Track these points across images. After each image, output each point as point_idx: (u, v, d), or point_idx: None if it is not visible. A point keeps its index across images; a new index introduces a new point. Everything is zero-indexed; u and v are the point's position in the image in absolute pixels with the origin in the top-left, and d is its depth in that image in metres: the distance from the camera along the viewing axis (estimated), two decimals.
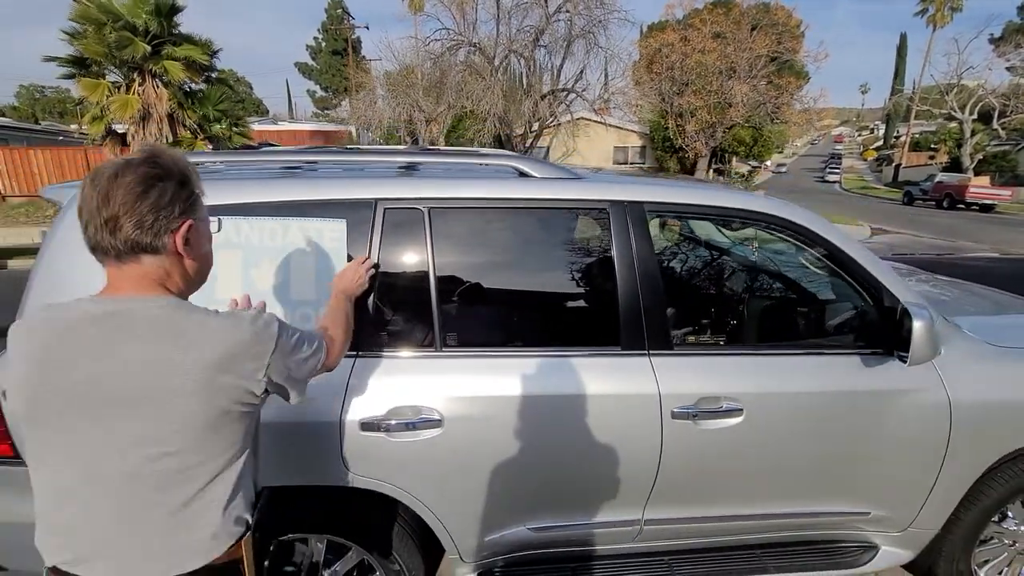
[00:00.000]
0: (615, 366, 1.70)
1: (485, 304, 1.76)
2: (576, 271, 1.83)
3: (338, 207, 1.64)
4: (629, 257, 1.71)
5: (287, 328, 1.05)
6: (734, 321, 2.13)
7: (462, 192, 1.69)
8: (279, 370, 1.02)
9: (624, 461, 1.71)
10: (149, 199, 0.90)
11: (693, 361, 1.75)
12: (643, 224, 1.74)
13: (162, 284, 0.96)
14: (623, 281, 1.71)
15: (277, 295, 1.60)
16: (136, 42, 13.68)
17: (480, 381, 1.64)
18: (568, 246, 1.84)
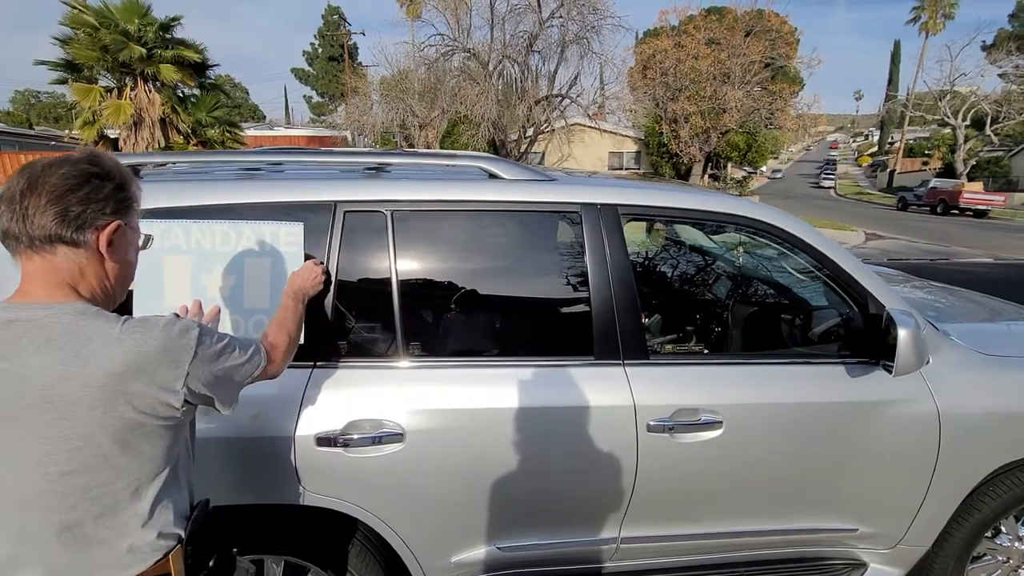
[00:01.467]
0: (588, 376, 1.62)
1: (451, 312, 1.68)
2: (548, 277, 1.75)
3: (295, 210, 1.56)
4: (603, 262, 1.64)
5: (211, 333, 0.98)
6: (715, 329, 2.05)
7: (428, 195, 1.62)
8: (201, 378, 0.94)
9: (598, 476, 1.63)
10: (81, 192, 0.86)
11: (670, 371, 1.66)
12: (617, 228, 1.66)
13: (73, 286, 0.89)
14: (596, 287, 1.63)
15: (229, 303, 1.52)
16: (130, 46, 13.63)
17: (445, 392, 1.56)
18: (539, 251, 1.76)
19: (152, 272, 1.50)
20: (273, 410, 1.49)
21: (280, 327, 1.26)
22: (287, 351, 1.23)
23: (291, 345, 1.25)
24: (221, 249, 1.53)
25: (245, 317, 1.52)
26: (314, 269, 1.47)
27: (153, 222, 1.50)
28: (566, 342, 1.68)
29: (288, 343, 1.24)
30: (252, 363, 1.07)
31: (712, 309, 2.15)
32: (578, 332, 1.65)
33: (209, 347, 0.95)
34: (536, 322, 1.75)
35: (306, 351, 1.53)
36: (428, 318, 1.67)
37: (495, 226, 1.69)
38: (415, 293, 1.64)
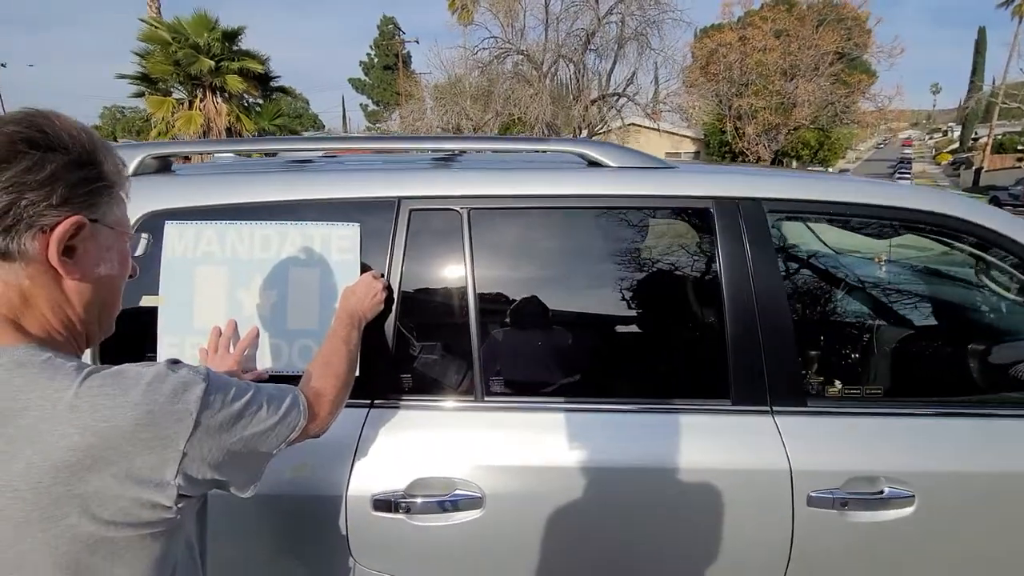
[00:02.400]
0: (724, 428, 1.22)
1: (544, 337, 1.32)
2: (669, 293, 1.36)
3: (350, 208, 1.25)
4: (743, 273, 1.23)
5: (224, 387, 0.66)
6: (897, 366, 1.57)
7: (512, 188, 1.27)
8: (208, 458, 0.63)
9: (734, 564, 1.22)
10: (8, 171, 0.55)
11: (839, 423, 1.23)
12: (762, 229, 1.25)
13: (12, 320, 0.58)
14: (735, 306, 1.22)
15: (270, 324, 1.22)
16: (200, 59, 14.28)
17: (539, 444, 1.20)
18: (657, 260, 1.37)
19: (182, 287, 1.23)
20: (320, 462, 1.17)
21: (327, 366, 0.94)
22: (336, 400, 0.91)
23: (342, 391, 0.94)
24: (260, 256, 1.23)
25: (289, 342, 1.22)
26: (373, 284, 1.15)
27: (184, 224, 1.23)
28: (693, 380, 1.29)
29: (338, 389, 0.92)
30: (286, 423, 0.75)
31: (885, 340, 1.66)
32: (709, 366, 1.25)
33: (221, 410, 0.64)
34: (653, 353, 1.36)
35: (362, 386, 1.21)
36: (515, 345, 1.32)
37: (598, 228, 1.32)
38: (498, 313, 1.29)
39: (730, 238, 1.24)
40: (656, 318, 1.36)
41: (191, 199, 1.27)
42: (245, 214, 1.25)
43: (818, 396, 1.26)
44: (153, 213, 1.25)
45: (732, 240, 1.24)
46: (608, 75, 15.47)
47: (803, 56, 15.94)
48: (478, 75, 17.32)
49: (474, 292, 1.23)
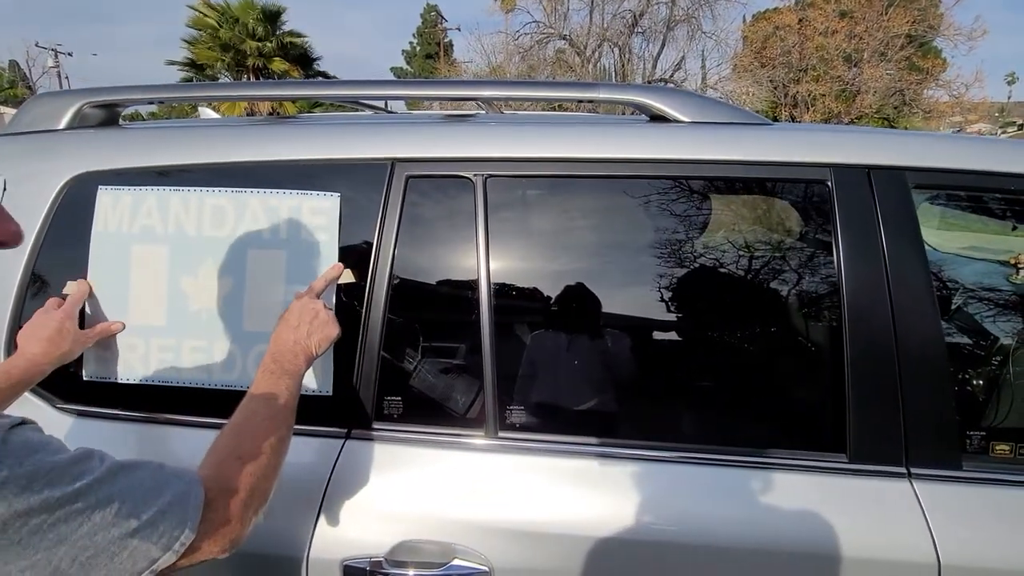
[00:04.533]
0: (836, 495, 0.85)
1: (583, 352, 0.98)
2: (760, 301, 1.00)
3: (329, 173, 0.94)
4: (876, 275, 0.85)
5: (31, 452, 0.40)
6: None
7: (543, 149, 0.93)
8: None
9: None
10: None
11: (1010, 499, 0.85)
12: (907, 211, 0.87)
13: None
14: (860, 320, 0.85)
15: (221, 322, 0.93)
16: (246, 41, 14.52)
17: (569, 500, 0.87)
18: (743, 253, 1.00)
19: (116, 271, 0.95)
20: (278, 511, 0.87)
21: (238, 441, 0.64)
22: (255, 494, 0.60)
23: (264, 479, 0.62)
24: (211, 233, 0.94)
25: (244, 347, 0.93)
26: (308, 307, 0.81)
27: (120, 190, 0.95)
28: (793, 424, 0.92)
29: (257, 477, 0.61)
30: (157, 536, 0.46)
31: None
32: (818, 406, 0.89)
33: (16, 496, 0.34)
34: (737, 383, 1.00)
35: (337, 410, 0.92)
36: (544, 361, 0.99)
37: (662, 206, 0.96)
38: (521, 315, 0.96)
39: (856, 223, 0.87)
40: (742, 335, 1.00)
41: (134, 158, 1.00)
42: (198, 178, 0.97)
43: (979, 455, 0.88)
44: (84, 175, 0.98)
45: (859, 226, 0.87)
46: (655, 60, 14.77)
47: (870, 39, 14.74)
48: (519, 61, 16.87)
49: (489, 287, 0.91)
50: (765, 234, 1.00)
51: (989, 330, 1.20)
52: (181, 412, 0.95)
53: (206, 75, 15.59)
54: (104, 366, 0.95)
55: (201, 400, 0.94)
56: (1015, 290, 1.34)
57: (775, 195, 0.98)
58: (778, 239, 0.99)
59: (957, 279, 1.37)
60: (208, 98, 1.17)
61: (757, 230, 1.00)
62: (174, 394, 0.94)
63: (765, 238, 1.00)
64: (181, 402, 0.95)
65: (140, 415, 0.95)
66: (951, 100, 15.34)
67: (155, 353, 0.95)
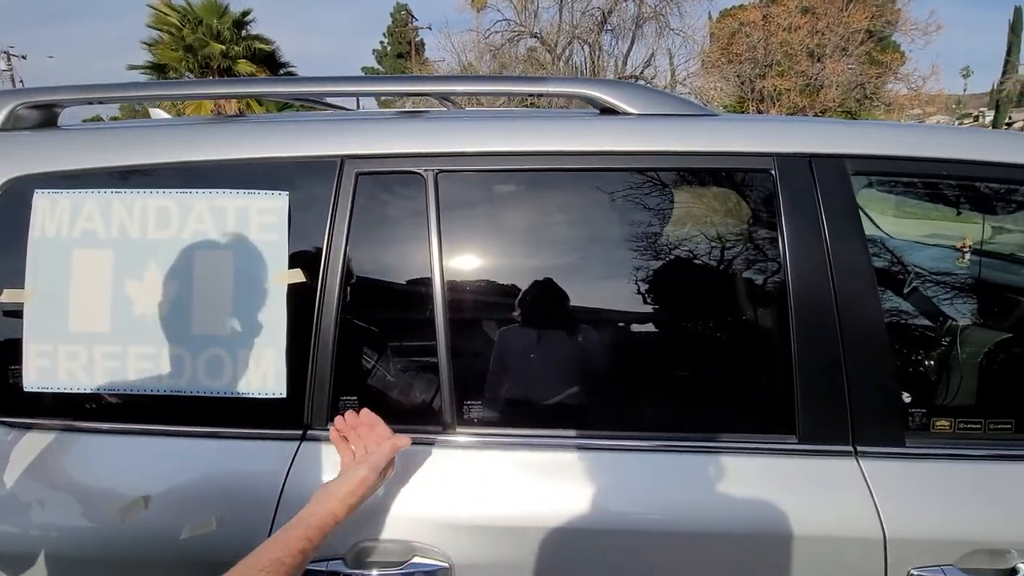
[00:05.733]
0: (787, 475, 0.87)
1: (539, 346, 0.99)
2: (710, 289, 1.02)
3: (276, 171, 0.93)
4: (818, 262, 0.88)
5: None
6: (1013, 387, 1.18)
7: (495, 143, 0.93)
8: None
9: None
10: None
11: (951, 470, 0.88)
12: (846, 197, 0.89)
13: None
14: (806, 305, 0.88)
15: (168, 327, 0.91)
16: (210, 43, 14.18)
17: (528, 494, 0.87)
18: (692, 242, 1.02)
19: (56, 278, 0.92)
20: (235, 516, 0.86)
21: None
22: None
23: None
24: (156, 236, 0.92)
25: (193, 352, 0.91)
26: (373, 484, 0.77)
27: (58, 193, 0.92)
28: (744, 408, 0.94)
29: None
30: None
31: (1010, 355, 1.26)
32: (767, 390, 0.91)
33: None
34: (688, 370, 1.01)
35: (291, 411, 0.90)
36: (499, 356, 0.99)
37: (612, 197, 0.97)
38: (476, 310, 0.96)
39: (799, 210, 0.89)
40: (694, 324, 1.02)
41: (73, 160, 0.96)
42: (140, 180, 0.94)
43: (921, 432, 0.91)
44: (20, 178, 0.94)
45: (802, 213, 0.89)
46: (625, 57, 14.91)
47: (831, 35, 15.14)
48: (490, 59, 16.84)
49: (442, 283, 0.90)
50: (713, 222, 1.02)
51: (932, 312, 1.24)
52: (130, 420, 0.92)
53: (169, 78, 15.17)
54: (46, 376, 0.92)
55: (151, 407, 0.91)
56: (960, 274, 1.39)
57: (722, 184, 1.00)
58: (725, 227, 1.01)
59: (906, 264, 1.42)
60: (146, 98, 1.14)
61: (705, 219, 1.02)
62: (122, 402, 0.92)
63: (713, 226, 1.01)
64: (129, 410, 0.92)
65: (87, 425, 0.92)
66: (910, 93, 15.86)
67: (100, 361, 0.92)
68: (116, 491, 0.87)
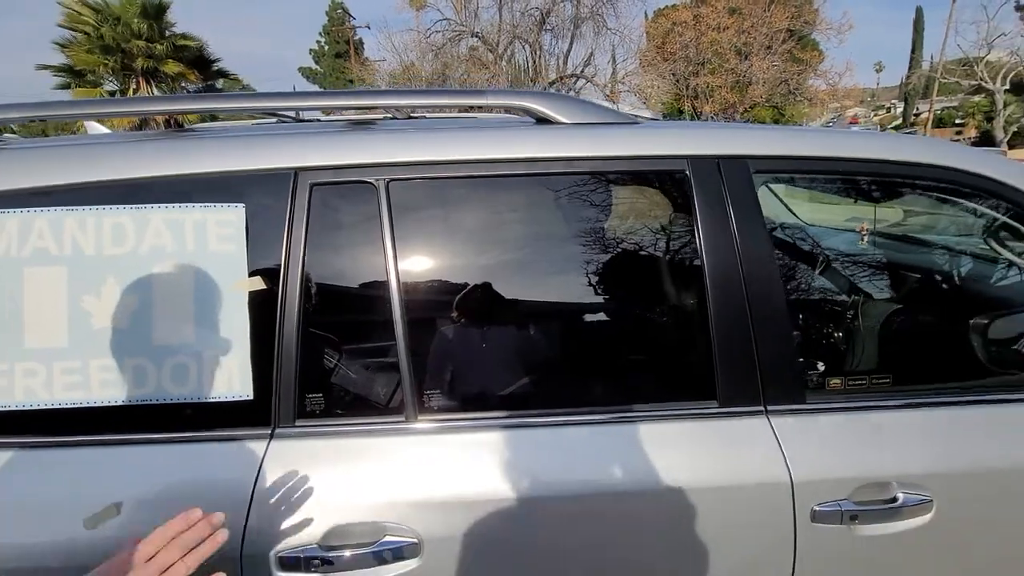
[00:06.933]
0: (708, 435, 1.01)
1: (488, 337, 1.08)
2: (637, 277, 1.14)
3: (232, 184, 0.97)
4: (728, 250, 1.01)
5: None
6: (904, 350, 1.38)
7: (441, 152, 1.01)
8: None
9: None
10: None
11: (843, 421, 1.04)
12: (749, 193, 1.03)
13: None
14: (719, 289, 1.01)
15: (130, 338, 0.94)
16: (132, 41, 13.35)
17: (485, 470, 0.96)
18: (621, 236, 1.14)
19: (7, 297, 0.93)
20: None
21: None
22: None
23: None
24: (112, 251, 0.94)
25: (156, 361, 0.94)
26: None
27: (6, 213, 0.93)
28: (671, 380, 1.07)
29: None
30: None
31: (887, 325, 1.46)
32: (690, 362, 1.04)
33: None
34: (620, 350, 1.13)
35: (259, 411, 0.95)
36: (453, 349, 1.07)
37: (549, 199, 1.07)
38: (429, 308, 1.04)
39: (710, 206, 1.02)
40: (623, 307, 1.14)
41: (17, 178, 0.96)
42: (92, 197, 0.96)
43: (818, 390, 1.07)
44: None
45: (713, 208, 1.02)
46: (565, 56, 15.22)
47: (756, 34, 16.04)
48: (432, 59, 16.76)
49: (398, 284, 0.98)
50: (638, 218, 1.14)
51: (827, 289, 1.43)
52: (97, 432, 0.94)
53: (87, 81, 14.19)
54: (3, 394, 0.92)
55: (117, 417, 0.94)
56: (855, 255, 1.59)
57: (645, 184, 1.12)
58: (649, 222, 1.14)
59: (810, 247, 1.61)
60: (95, 115, 1.14)
61: (632, 216, 1.14)
62: (86, 414, 0.93)
63: (638, 222, 1.14)
64: (95, 421, 0.94)
65: (50, 440, 0.94)
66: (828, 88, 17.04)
67: (59, 376, 0.93)
68: (84, 501, 0.90)
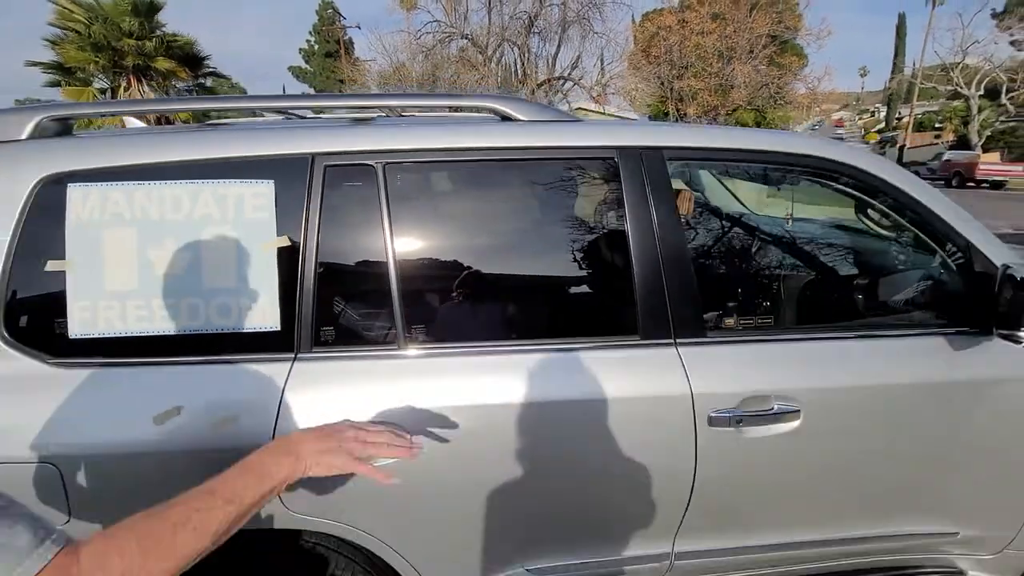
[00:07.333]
0: (633, 360, 1.31)
1: (462, 286, 1.38)
2: (579, 240, 1.44)
3: (263, 166, 1.26)
4: (647, 219, 1.32)
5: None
6: (784, 299, 1.72)
7: (427, 142, 1.31)
8: None
9: (646, 482, 1.33)
10: None
11: (734, 350, 1.35)
12: (663, 176, 1.34)
13: None
14: (640, 250, 1.32)
15: (185, 284, 1.22)
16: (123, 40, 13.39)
17: (458, 386, 1.26)
18: (566, 209, 1.45)
19: (90, 249, 1.21)
20: (246, 414, 1.19)
21: (153, 538, 0.62)
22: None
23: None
24: (172, 217, 1.23)
25: (206, 300, 1.23)
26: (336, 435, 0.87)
27: (88, 186, 1.21)
28: (603, 319, 1.38)
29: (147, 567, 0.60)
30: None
31: (775, 277, 1.81)
32: (618, 306, 1.34)
33: None
34: (565, 296, 1.44)
35: (285, 340, 1.24)
36: (433, 295, 1.37)
37: (510, 179, 1.38)
38: (416, 263, 1.33)
39: (634, 186, 1.33)
40: (570, 265, 1.44)
41: (95, 161, 1.24)
42: (154, 175, 1.24)
43: (716, 328, 1.38)
44: (54, 176, 1.22)
45: (636, 188, 1.33)
46: (553, 59, 15.56)
47: (738, 39, 16.52)
48: (423, 60, 17.03)
49: (392, 245, 1.27)
50: (581, 195, 1.45)
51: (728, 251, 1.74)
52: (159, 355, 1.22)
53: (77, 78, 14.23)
54: (87, 325, 1.20)
55: (175, 344, 1.22)
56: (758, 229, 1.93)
57: (585, 169, 1.42)
58: (588, 198, 1.44)
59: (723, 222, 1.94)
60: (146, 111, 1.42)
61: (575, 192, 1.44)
62: (151, 341, 1.22)
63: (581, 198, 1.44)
64: (158, 347, 1.22)
65: (123, 360, 1.22)
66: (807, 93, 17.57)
67: (131, 311, 1.22)
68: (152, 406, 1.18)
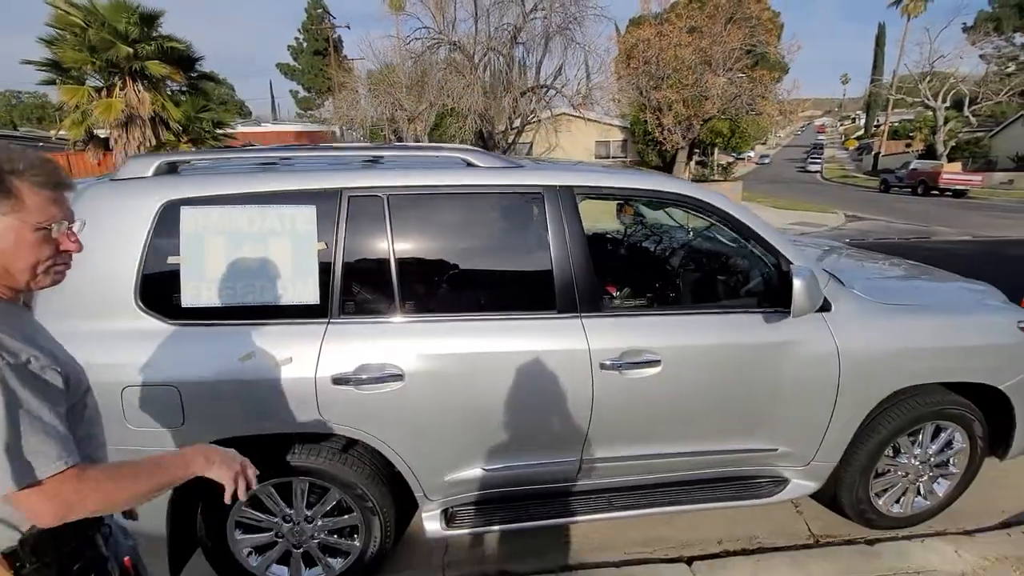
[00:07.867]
0: (552, 327, 2.00)
1: (439, 277, 2.05)
2: (518, 248, 2.13)
3: (308, 196, 1.92)
4: (562, 234, 2.01)
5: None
6: (658, 287, 2.44)
7: (417, 180, 1.97)
8: None
9: (562, 408, 2.01)
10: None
11: (619, 321, 2.05)
12: (573, 206, 2.03)
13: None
14: (557, 254, 2.00)
15: (256, 273, 1.87)
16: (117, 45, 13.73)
17: (436, 341, 1.93)
18: (510, 227, 2.13)
19: (196, 249, 1.86)
20: (298, 356, 1.85)
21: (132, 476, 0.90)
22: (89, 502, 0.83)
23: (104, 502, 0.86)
24: (249, 230, 1.88)
25: (271, 282, 1.89)
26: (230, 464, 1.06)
27: (198, 208, 1.86)
28: (534, 300, 2.06)
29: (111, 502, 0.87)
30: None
31: (653, 271, 2.54)
32: (543, 292, 2.03)
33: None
34: (508, 284, 2.12)
35: (322, 310, 1.90)
36: (420, 283, 2.04)
37: (472, 207, 2.05)
38: (409, 262, 2.00)
39: (553, 212, 2.01)
40: (511, 264, 2.12)
41: (198, 192, 1.89)
42: (237, 200, 1.89)
43: (610, 307, 2.07)
44: (172, 201, 1.86)
45: (555, 213, 2.02)
46: (537, 68, 16.26)
47: (713, 52, 17.39)
48: (411, 64, 17.63)
49: (393, 249, 1.93)
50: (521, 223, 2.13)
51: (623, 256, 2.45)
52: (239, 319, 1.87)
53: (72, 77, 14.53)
54: (194, 298, 1.85)
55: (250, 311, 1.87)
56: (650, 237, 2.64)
57: (523, 203, 2.10)
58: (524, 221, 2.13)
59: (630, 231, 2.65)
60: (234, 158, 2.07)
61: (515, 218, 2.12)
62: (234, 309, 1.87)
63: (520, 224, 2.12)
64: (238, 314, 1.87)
65: (219, 322, 1.86)
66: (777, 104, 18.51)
67: (222, 289, 1.87)
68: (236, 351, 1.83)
